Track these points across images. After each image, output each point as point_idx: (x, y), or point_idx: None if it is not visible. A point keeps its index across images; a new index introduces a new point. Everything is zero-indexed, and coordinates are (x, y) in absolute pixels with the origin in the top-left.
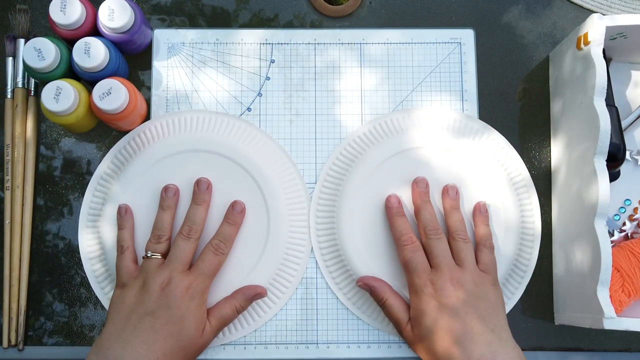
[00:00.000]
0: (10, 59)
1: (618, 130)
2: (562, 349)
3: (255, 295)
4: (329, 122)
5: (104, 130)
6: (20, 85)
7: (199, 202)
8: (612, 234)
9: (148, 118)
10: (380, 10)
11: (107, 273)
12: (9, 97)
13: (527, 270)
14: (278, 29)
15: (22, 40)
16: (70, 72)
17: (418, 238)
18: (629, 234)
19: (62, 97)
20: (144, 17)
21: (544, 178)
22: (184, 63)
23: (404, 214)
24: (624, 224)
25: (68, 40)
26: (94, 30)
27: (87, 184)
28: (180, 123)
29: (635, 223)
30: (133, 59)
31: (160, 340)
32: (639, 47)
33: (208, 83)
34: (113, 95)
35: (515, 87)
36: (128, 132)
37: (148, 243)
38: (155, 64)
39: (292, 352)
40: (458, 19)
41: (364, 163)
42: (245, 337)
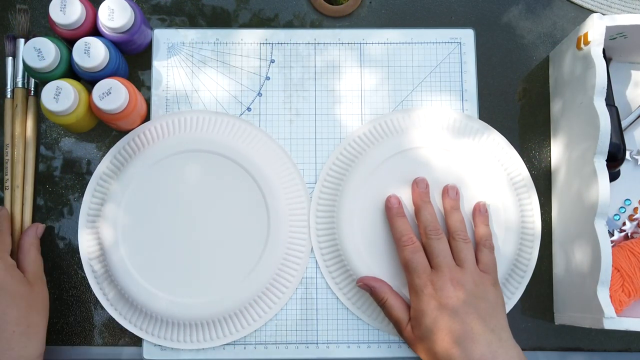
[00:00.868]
0: (10, 59)
1: (618, 130)
2: (562, 349)
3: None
4: (329, 122)
5: (104, 130)
6: (20, 85)
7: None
8: (612, 234)
9: (148, 118)
10: (380, 10)
11: (106, 273)
12: (9, 97)
13: (527, 270)
14: (278, 29)
15: (22, 40)
16: (70, 72)
17: (418, 238)
18: (629, 234)
19: (62, 97)
20: (144, 17)
21: (544, 178)
22: (184, 63)
23: (404, 215)
24: (624, 224)
25: (68, 40)
26: (94, 30)
27: (87, 184)
28: (180, 123)
29: (635, 223)
30: (133, 59)
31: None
32: (639, 47)
33: (208, 83)
34: (113, 95)
35: (515, 87)
36: (128, 132)
37: None
38: (155, 64)
39: (292, 352)
40: (458, 19)
41: (364, 163)
42: (245, 337)
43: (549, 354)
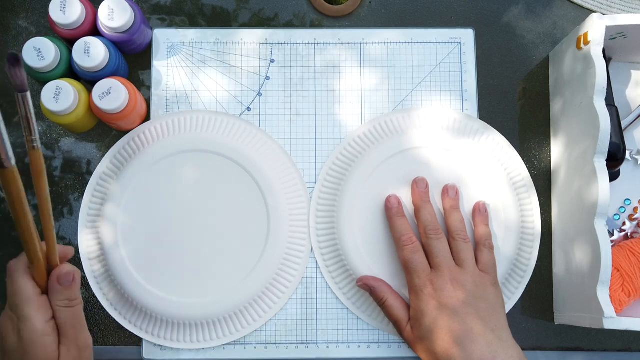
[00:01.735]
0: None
1: (618, 130)
2: (562, 349)
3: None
4: (329, 121)
5: (104, 130)
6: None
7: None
8: (612, 234)
9: (148, 118)
10: (380, 10)
11: (106, 273)
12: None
13: (527, 270)
14: (278, 29)
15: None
16: (70, 72)
17: (418, 238)
18: (629, 234)
19: (61, 96)
20: (144, 16)
21: (544, 178)
22: (184, 63)
23: (404, 214)
24: (624, 224)
25: (68, 40)
26: (94, 30)
27: (87, 184)
28: (180, 123)
29: (635, 223)
30: (133, 59)
31: None
32: (639, 47)
33: (208, 83)
34: (113, 95)
35: (515, 87)
36: (128, 132)
37: None
38: (155, 64)
39: (292, 352)
40: (458, 19)
41: (364, 163)
42: (245, 337)
43: (549, 354)
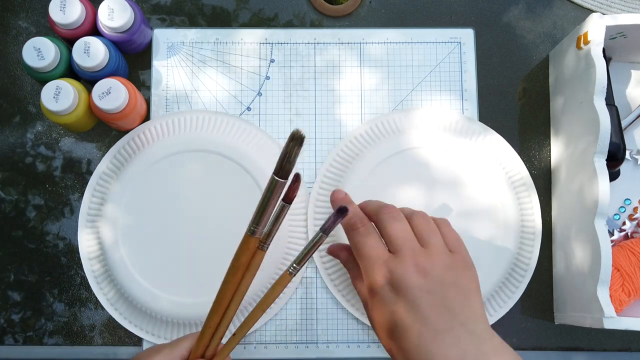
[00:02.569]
0: None
1: (618, 130)
2: (562, 349)
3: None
4: (329, 121)
5: (104, 130)
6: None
7: None
8: (612, 234)
9: (148, 118)
10: (380, 10)
11: (106, 273)
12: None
13: (527, 270)
14: (278, 29)
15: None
16: (70, 71)
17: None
18: (629, 234)
19: (61, 96)
20: (144, 16)
21: (544, 178)
22: (184, 63)
23: (353, 202)
24: (624, 224)
25: (68, 40)
26: (94, 30)
27: (87, 184)
28: (180, 123)
29: (635, 222)
30: (133, 59)
31: None
32: (639, 46)
33: (208, 83)
34: (113, 95)
35: (515, 86)
36: (128, 131)
37: None
38: (155, 64)
39: (292, 351)
40: (458, 19)
41: (363, 163)
42: (245, 337)
43: (549, 354)
